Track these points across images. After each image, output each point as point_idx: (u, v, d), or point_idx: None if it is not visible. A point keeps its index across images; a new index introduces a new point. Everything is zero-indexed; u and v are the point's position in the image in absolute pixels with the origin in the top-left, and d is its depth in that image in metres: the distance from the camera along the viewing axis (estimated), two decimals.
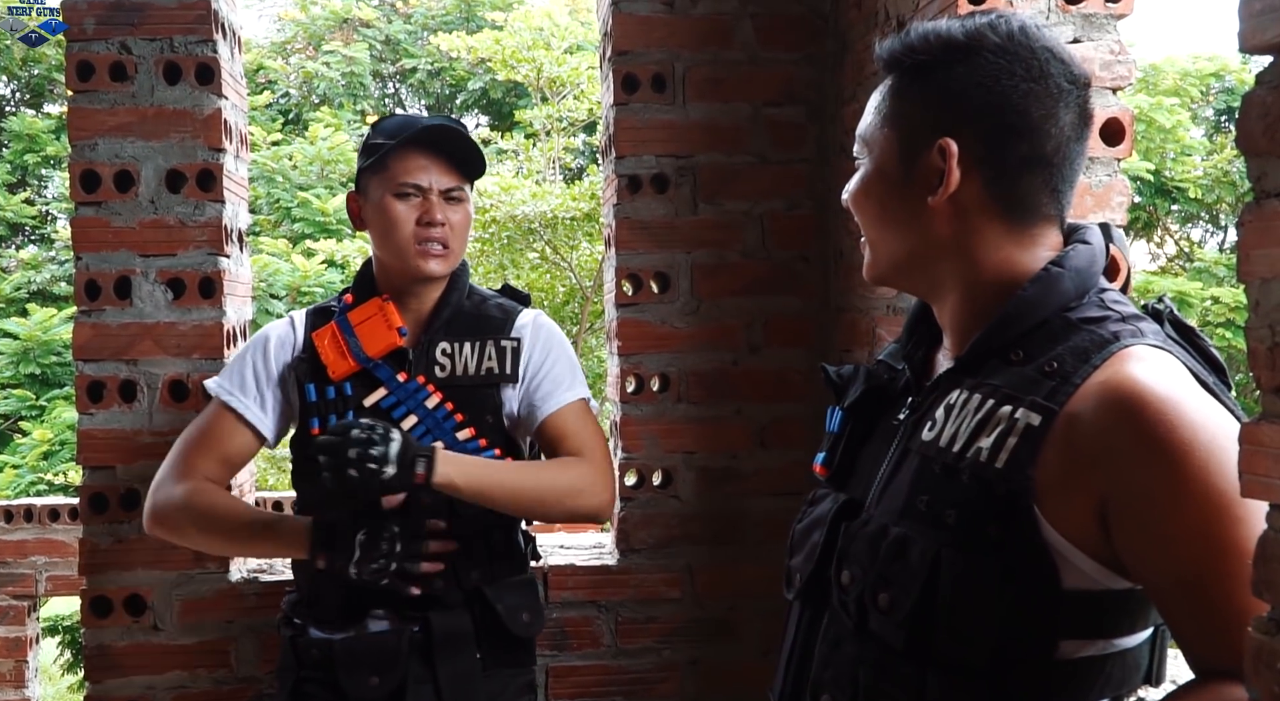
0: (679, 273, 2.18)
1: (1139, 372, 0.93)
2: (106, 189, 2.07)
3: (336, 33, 17.90)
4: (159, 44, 2.08)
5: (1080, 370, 0.96)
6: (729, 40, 2.18)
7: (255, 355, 1.84)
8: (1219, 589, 0.89)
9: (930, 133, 1.04)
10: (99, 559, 2.08)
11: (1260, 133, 0.73)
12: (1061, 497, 0.94)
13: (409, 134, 1.76)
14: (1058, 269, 1.02)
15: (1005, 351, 1.02)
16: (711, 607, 2.17)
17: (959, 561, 0.96)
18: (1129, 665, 1.00)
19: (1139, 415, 0.91)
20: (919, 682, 0.99)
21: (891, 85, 1.08)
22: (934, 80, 1.05)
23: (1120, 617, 0.97)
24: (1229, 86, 14.25)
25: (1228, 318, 11.02)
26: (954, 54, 1.03)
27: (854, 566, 1.04)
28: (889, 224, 1.08)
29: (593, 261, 10.07)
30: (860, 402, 1.16)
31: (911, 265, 1.08)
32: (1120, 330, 0.98)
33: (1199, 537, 0.90)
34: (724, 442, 2.18)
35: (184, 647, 2.09)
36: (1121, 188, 1.62)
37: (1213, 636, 0.91)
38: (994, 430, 0.97)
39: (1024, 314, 1.01)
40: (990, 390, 1.00)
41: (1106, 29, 1.60)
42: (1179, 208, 13.74)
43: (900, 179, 1.06)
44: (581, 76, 11.28)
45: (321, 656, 1.72)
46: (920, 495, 1.01)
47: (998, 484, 0.96)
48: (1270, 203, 0.72)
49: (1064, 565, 0.95)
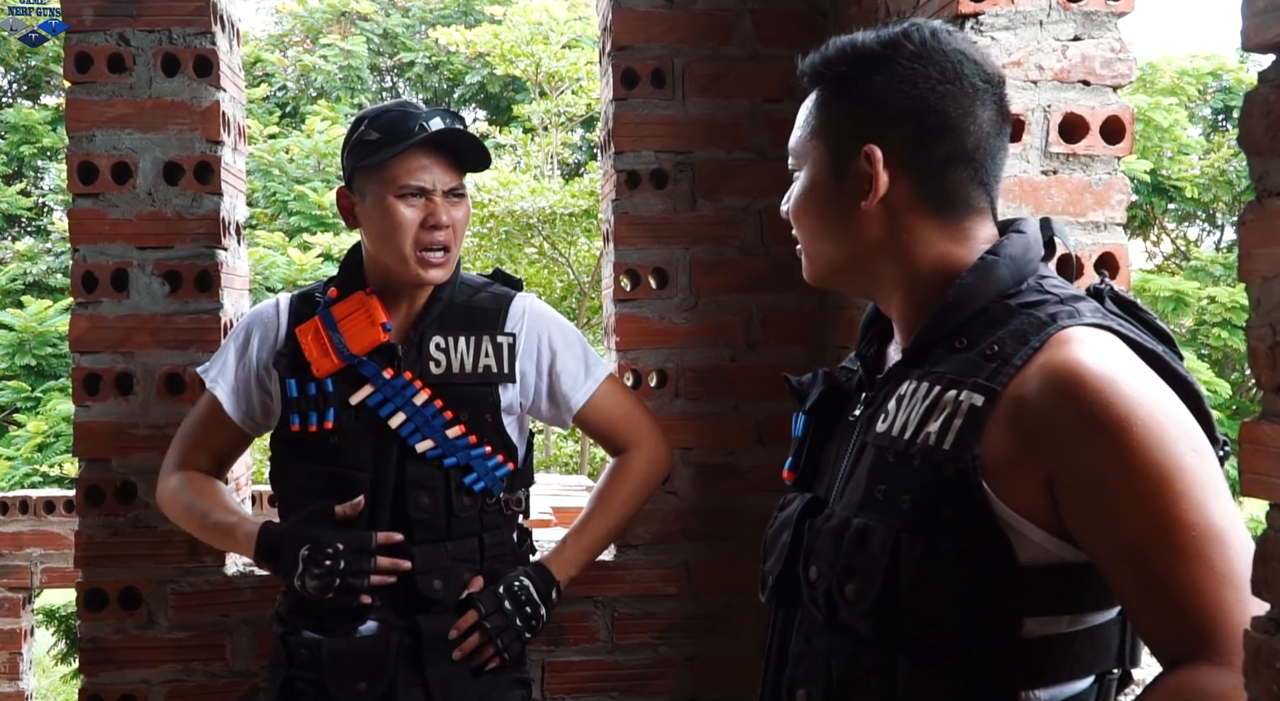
0: (677, 268, 2.17)
1: (1077, 353, 0.96)
2: (104, 181, 2.07)
3: (334, 26, 17.87)
4: (157, 36, 2.07)
5: (1020, 352, 0.99)
6: (729, 36, 2.17)
7: (238, 346, 1.81)
8: (1163, 564, 0.91)
9: (856, 140, 1.08)
10: (95, 552, 2.07)
11: (1262, 131, 0.73)
12: (1009, 474, 0.97)
13: (417, 139, 1.68)
14: (993, 257, 1.06)
15: (949, 340, 1.05)
16: (708, 604, 2.17)
17: (917, 544, 0.99)
18: (1098, 643, 1.01)
19: (1078, 394, 0.94)
20: (889, 669, 1.02)
21: (816, 99, 1.13)
22: (855, 90, 1.09)
23: (1081, 592, 0.99)
24: (1226, 85, 14.26)
25: (1224, 317, 11.04)
26: (872, 63, 1.08)
27: (820, 561, 1.08)
28: (827, 232, 1.12)
29: (591, 257, 10.07)
30: (819, 404, 1.20)
31: (850, 268, 1.13)
32: (1057, 311, 1.01)
33: (1141, 513, 0.92)
34: (722, 439, 2.18)
35: (179, 641, 2.08)
36: (1121, 186, 1.62)
37: (1164, 616, 0.93)
38: (941, 414, 1.01)
39: (963, 301, 1.05)
40: (936, 377, 1.04)
41: (1107, 26, 1.60)
42: (1176, 206, 13.76)
43: (833, 188, 1.10)
44: (580, 71, 11.27)
45: (310, 657, 1.71)
46: (877, 485, 1.05)
47: (946, 465, 0.99)
48: (1272, 201, 0.72)
49: (1018, 540, 0.98)
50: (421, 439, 1.69)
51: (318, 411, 1.71)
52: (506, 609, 1.70)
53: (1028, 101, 1.59)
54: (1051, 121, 1.59)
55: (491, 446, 1.75)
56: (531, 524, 2.01)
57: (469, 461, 1.72)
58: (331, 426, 1.71)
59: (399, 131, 1.69)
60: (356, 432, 1.71)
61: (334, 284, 1.79)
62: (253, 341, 1.80)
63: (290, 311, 1.79)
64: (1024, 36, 1.58)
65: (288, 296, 1.83)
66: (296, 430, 1.72)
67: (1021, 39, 1.58)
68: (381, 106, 1.74)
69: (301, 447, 1.73)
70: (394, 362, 1.72)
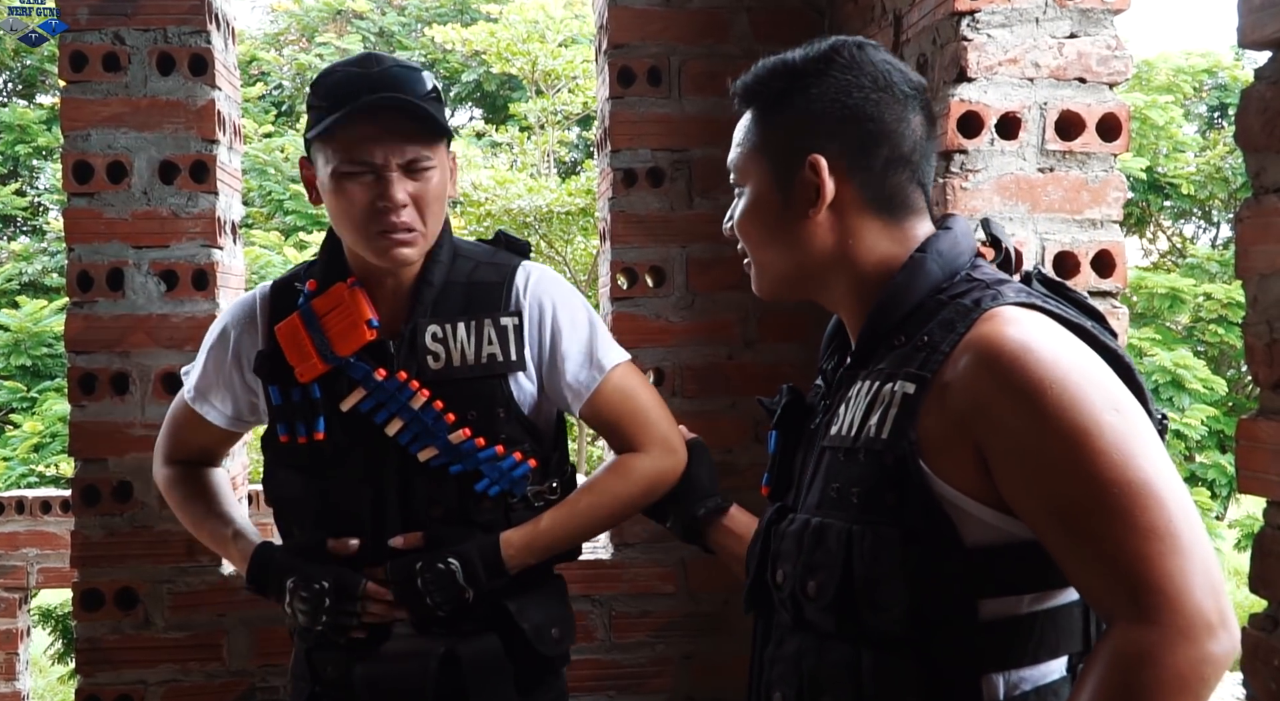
0: (674, 267, 2.17)
1: (997, 328, 1.01)
2: (99, 180, 2.06)
3: (330, 24, 17.84)
4: (153, 34, 2.06)
5: (948, 339, 1.04)
6: (725, 34, 2.17)
7: (214, 348, 1.66)
8: (1088, 522, 0.94)
9: (798, 152, 1.13)
10: (91, 552, 2.07)
11: (1259, 128, 0.73)
12: (945, 453, 1.01)
13: (349, 107, 1.44)
14: (921, 254, 1.11)
15: (889, 338, 1.10)
16: (705, 602, 2.17)
17: (867, 534, 1.03)
18: (1061, 624, 1.03)
19: (996, 363, 0.99)
20: (854, 661, 1.05)
21: (754, 116, 1.18)
22: (793, 104, 1.14)
23: (1032, 570, 1.02)
24: (1221, 83, 14.27)
25: (1220, 314, 11.04)
26: (806, 78, 1.13)
27: (785, 564, 1.12)
28: (776, 244, 1.16)
29: (588, 255, 10.06)
30: (785, 418, 1.25)
31: (800, 277, 1.17)
32: (981, 296, 1.06)
33: (1063, 473, 0.95)
34: (719, 437, 2.18)
35: (175, 641, 2.08)
36: (1118, 183, 1.61)
37: (1095, 575, 0.95)
38: (880, 407, 1.06)
39: (896, 300, 1.10)
40: (877, 375, 1.09)
41: (1104, 24, 1.60)
42: (1172, 204, 13.77)
43: (779, 201, 1.15)
44: (576, 70, 11.26)
45: (338, 676, 1.56)
46: (831, 484, 1.09)
47: (886, 453, 1.03)
48: (1269, 198, 0.72)
49: (963, 519, 1.01)
50: (423, 447, 1.53)
51: (305, 421, 1.54)
52: (416, 587, 1.50)
53: (1024, 98, 1.59)
54: (1048, 119, 1.59)
55: (504, 445, 1.54)
56: None
57: (477, 466, 1.53)
58: (323, 436, 1.54)
59: (340, 96, 1.46)
60: (351, 442, 1.55)
61: (312, 274, 1.59)
62: (229, 342, 1.64)
63: (268, 306, 1.61)
64: (1020, 34, 1.58)
65: (265, 287, 1.64)
66: (285, 441, 1.57)
67: (1018, 36, 1.58)
68: (339, 62, 1.53)
69: (293, 458, 1.58)
70: (386, 361, 1.53)
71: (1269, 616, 0.72)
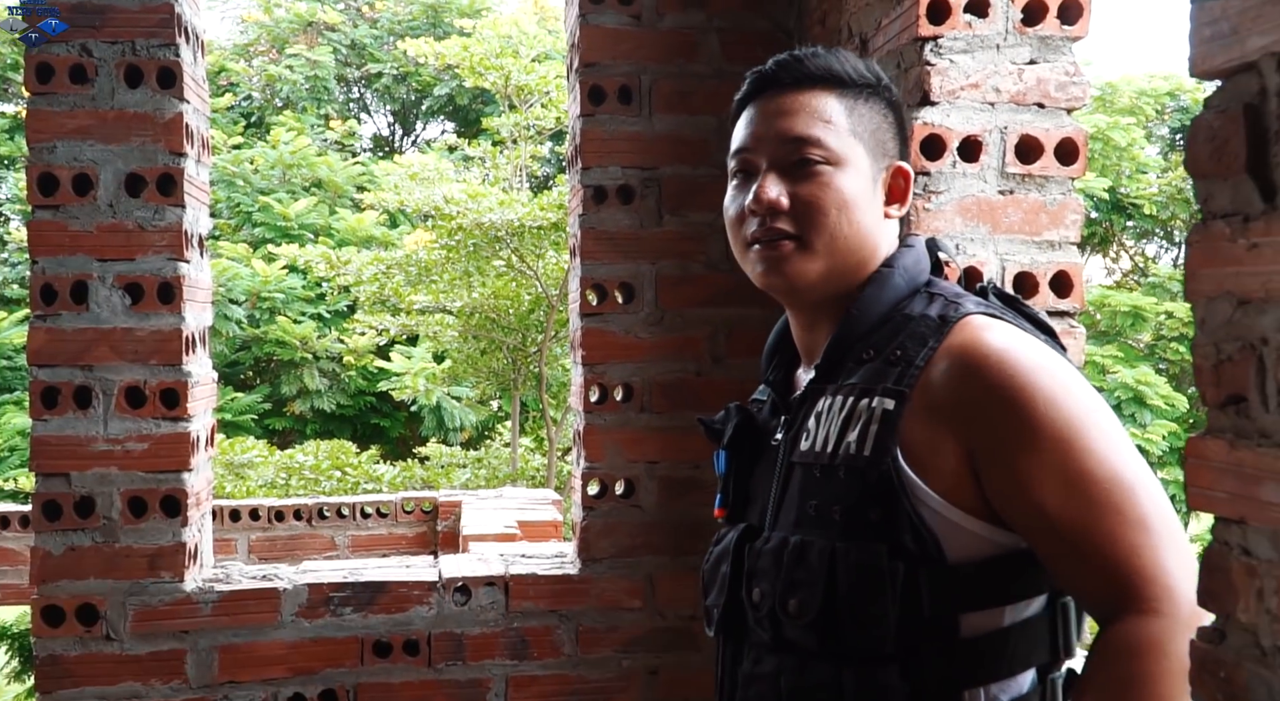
0: (643, 283, 2.19)
1: (975, 335, 1.04)
2: (65, 192, 2.05)
3: (300, 36, 17.78)
4: (120, 47, 2.06)
5: (921, 353, 1.06)
6: (695, 54, 2.20)
7: None
8: (1080, 518, 0.96)
9: (886, 156, 1.17)
10: (51, 567, 2.04)
11: (1207, 156, 0.75)
12: (932, 461, 1.02)
13: None
14: (888, 269, 1.14)
15: (857, 352, 1.11)
16: (672, 617, 2.18)
17: (851, 551, 1.03)
18: (1032, 636, 1.05)
19: (982, 370, 1.01)
20: (835, 680, 1.04)
21: (842, 103, 1.16)
22: (886, 104, 1.18)
23: (1009, 582, 1.03)
24: (1183, 105, 14.53)
25: (1181, 332, 11.22)
26: (886, 87, 1.19)
27: (762, 582, 1.11)
28: (858, 227, 1.14)
29: (560, 270, 10.07)
30: (736, 438, 1.24)
31: (847, 269, 1.15)
32: (945, 311, 1.09)
33: (1053, 472, 0.97)
34: (687, 452, 2.19)
35: (137, 657, 2.06)
36: (1075, 206, 1.65)
37: (1090, 572, 0.97)
38: (858, 423, 1.06)
39: (866, 312, 1.12)
40: (849, 389, 1.09)
41: (1062, 51, 1.63)
42: (1134, 224, 13.98)
43: (871, 193, 1.16)
44: (549, 85, 11.28)
45: None
46: (809, 501, 1.08)
47: (869, 471, 1.04)
48: (1216, 224, 0.74)
49: (949, 533, 1.02)
50: None
51: None
52: None
53: (985, 123, 1.62)
54: (1008, 143, 1.62)
55: None
56: (498, 538, 2.00)
57: None
58: None
59: None
60: None
61: None
62: None
63: None
64: (981, 59, 1.61)
65: None
66: None
67: (979, 62, 1.61)
68: None
69: None
70: None
71: (1217, 629, 0.74)
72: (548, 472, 10.72)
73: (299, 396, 13.63)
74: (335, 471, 9.89)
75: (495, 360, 11.74)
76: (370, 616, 2.09)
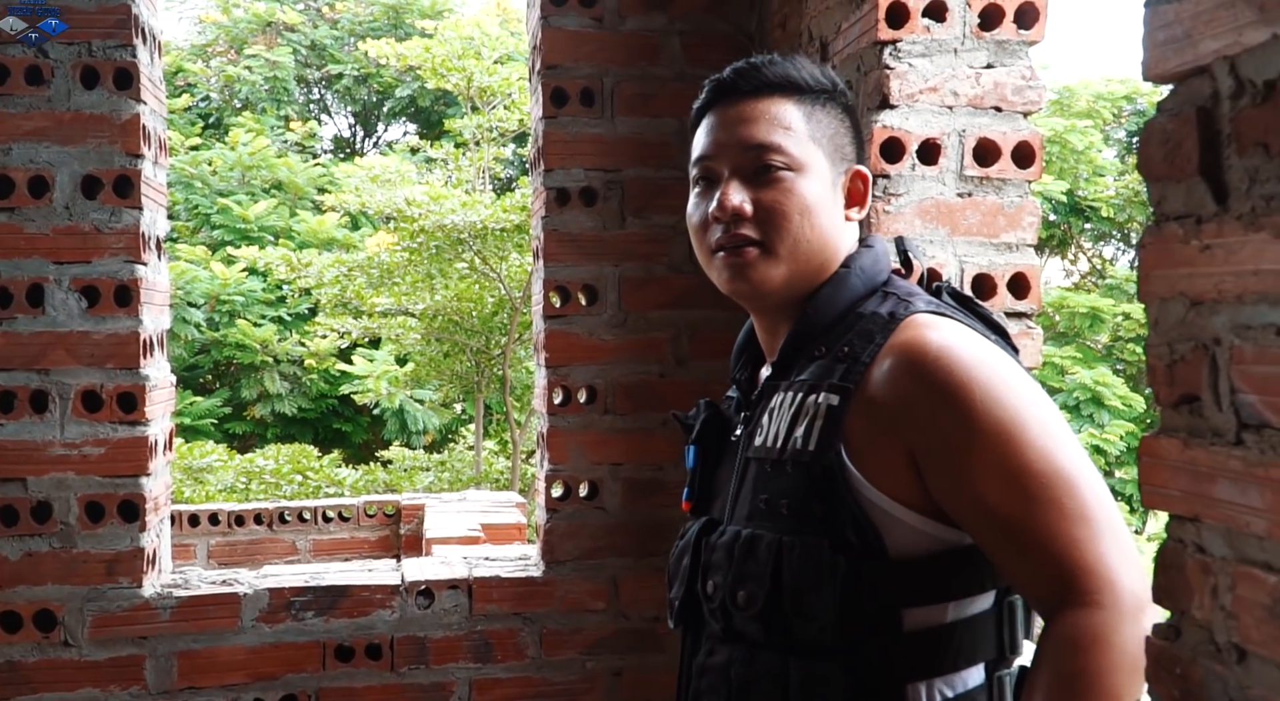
0: (606, 285, 2.19)
1: (916, 334, 1.06)
2: (20, 195, 2.02)
3: (259, 36, 17.61)
4: (77, 48, 2.03)
5: (867, 350, 1.08)
6: (657, 56, 2.20)
7: None
8: (1021, 513, 0.97)
9: (844, 160, 1.19)
10: (8, 572, 2.01)
11: (1160, 159, 0.76)
12: (875, 460, 1.04)
13: None
14: (845, 269, 1.16)
15: (810, 350, 1.13)
16: (636, 618, 2.18)
17: (796, 544, 1.05)
18: (978, 632, 1.06)
19: (921, 365, 1.02)
20: (782, 670, 1.06)
21: (800, 109, 1.17)
22: (842, 109, 1.20)
23: (952, 578, 1.05)
24: (1140, 109, 14.75)
25: (1138, 333, 11.39)
26: (842, 92, 1.21)
27: (715, 574, 1.13)
28: (820, 230, 1.16)
29: (523, 272, 10.04)
30: (704, 432, 1.26)
31: (808, 272, 1.17)
32: (895, 309, 1.11)
33: (992, 467, 0.98)
34: (650, 454, 2.20)
35: (96, 663, 2.03)
36: (1032, 209, 1.67)
37: (1032, 566, 0.98)
38: (805, 419, 1.08)
39: (822, 311, 1.14)
40: (799, 386, 1.11)
41: (1019, 55, 1.66)
42: (1092, 226, 14.17)
43: (832, 197, 1.18)
44: (512, 87, 11.26)
45: None
46: (760, 495, 1.10)
47: (814, 465, 1.05)
48: (1169, 225, 0.76)
49: (892, 528, 1.03)
50: None
51: None
52: None
53: (944, 126, 1.64)
54: (966, 146, 1.64)
55: None
56: (461, 541, 1.99)
57: None
58: None
59: None
60: None
61: None
62: None
63: None
64: (940, 63, 1.63)
65: None
66: None
67: (937, 66, 1.63)
68: None
69: None
70: None
71: (1172, 626, 0.75)
72: (512, 475, 10.68)
73: (259, 400, 13.49)
74: (296, 475, 9.80)
75: (458, 363, 11.68)
76: (332, 620, 2.08)
